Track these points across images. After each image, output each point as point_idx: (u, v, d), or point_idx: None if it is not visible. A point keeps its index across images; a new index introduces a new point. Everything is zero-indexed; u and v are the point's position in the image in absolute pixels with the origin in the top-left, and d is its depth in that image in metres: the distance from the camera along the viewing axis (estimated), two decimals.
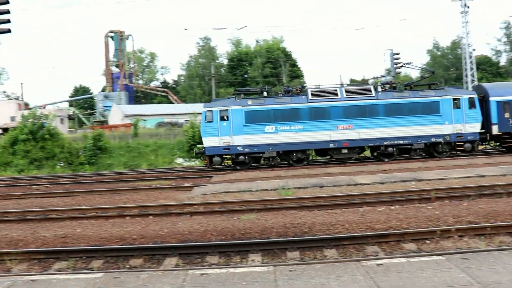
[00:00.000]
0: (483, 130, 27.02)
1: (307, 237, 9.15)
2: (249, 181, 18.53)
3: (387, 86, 27.73)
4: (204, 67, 74.49)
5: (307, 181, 16.92)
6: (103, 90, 72.00)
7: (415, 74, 75.11)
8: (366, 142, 26.51)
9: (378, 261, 6.68)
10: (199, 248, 8.78)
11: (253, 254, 8.52)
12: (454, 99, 26.53)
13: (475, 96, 26.90)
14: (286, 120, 26.10)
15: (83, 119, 72.65)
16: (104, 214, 12.88)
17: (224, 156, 26.51)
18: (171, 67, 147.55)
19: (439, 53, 71.81)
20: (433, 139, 26.34)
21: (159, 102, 72.16)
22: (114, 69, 70.91)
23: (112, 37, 69.59)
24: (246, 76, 73.53)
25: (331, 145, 26.11)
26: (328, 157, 27.55)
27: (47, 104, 70.68)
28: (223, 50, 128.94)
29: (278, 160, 26.74)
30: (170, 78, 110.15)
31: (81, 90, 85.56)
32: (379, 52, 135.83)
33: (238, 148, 25.98)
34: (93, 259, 8.64)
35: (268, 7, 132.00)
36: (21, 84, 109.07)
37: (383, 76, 46.69)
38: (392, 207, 11.87)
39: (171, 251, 8.70)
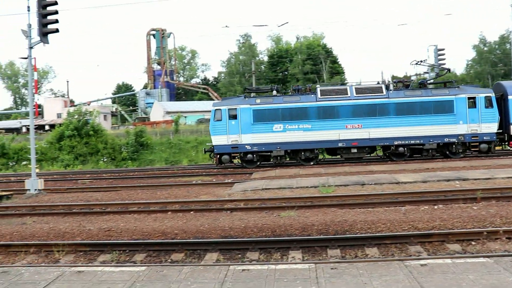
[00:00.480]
0: (500, 131, 26.06)
1: (348, 235, 9.05)
2: (289, 178, 18.48)
3: (400, 84, 27.24)
4: (245, 64, 74.71)
5: (348, 179, 16.75)
6: (145, 87, 73.27)
7: (459, 71, 73.21)
8: (375, 142, 26.08)
9: (422, 261, 6.54)
10: (240, 244, 8.82)
11: (293, 251, 8.49)
12: (469, 98, 25.62)
13: (492, 94, 25.89)
14: (295, 119, 26.07)
15: (126, 115, 74.22)
16: (146, 209, 13.12)
17: (232, 155, 26.68)
18: (212, 64, 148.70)
19: (486, 48, 69.51)
20: (446, 139, 25.59)
21: (200, 99, 72.87)
22: (156, 67, 72.03)
23: (153, 35, 70.68)
24: (286, 73, 73.29)
25: (340, 145, 25.92)
26: (338, 156, 27.28)
27: (91, 101, 72.61)
28: (263, 47, 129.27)
29: (287, 159, 26.72)
30: (211, 75, 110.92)
31: (124, 88, 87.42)
32: (423, 48, 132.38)
33: (246, 146, 26.17)
34: (136, 252, 8.81)
35: (309, 3, 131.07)
36: (67, 82, 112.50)
37: (426, 73, 45.59)
38: (435, 207, 11.61)
39: (212, 247, 8.77)
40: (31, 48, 18.80)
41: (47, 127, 59.43)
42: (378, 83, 27.38)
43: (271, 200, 13.43)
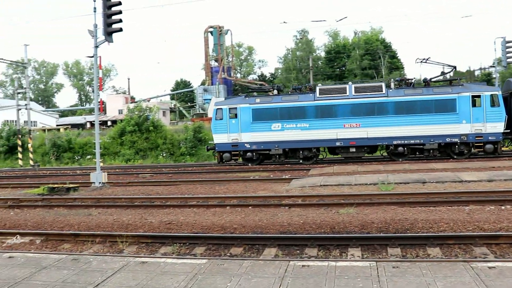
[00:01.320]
0: (508, 130, 24.89)
1: (409, 234, 8.84)
2: (347, 175, 18.28)
3: (402, 82, 26.92)
4: (302, 60, 74.40)
5: (408, 177, 16.35)
6: (203, 83, 74.48)
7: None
8: (374, 141, 25.80)
9: (490, 264, 6.28)
10: (299, 240, 8.81)
11: (352, 248, 8.39)
12: (473, 96, 24.69)
13: (498, 93, 24.67)
14: (292, 118, 26.35)
15: (184, 111, 75.66)
16: (205, 203, 13.35)
17: (233, 153, 27.36)
18: (268, 60, 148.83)
19: None
20: (448, 139, 24.87)
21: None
22: (213, 64, 72.97)
23: (211, 32, 71.60)
24: (343, 68, 72.33)
25: (338, 144, 25.99)
26: (340, 155, 27.13)
27: (151, 98, 74.48)
28: (320, 42, 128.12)
29: (284, 158, 27.08)
30: (267, 71, 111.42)
31: (182, 84, 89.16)
32: (489, 41, 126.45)
33: (245, 145, 26.87)
34: (196, 245, 8.99)
35: None
36: (128, 79, 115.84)
37: (492, 67, 43.70)
38: (502, 207, 11.12)
39: (270, 242, 8.82)
40: (96, 47, 19.55)
41: (109, 123, 61.59)
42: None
43: (330, 197, 13.34)
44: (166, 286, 5.93)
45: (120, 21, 19.20)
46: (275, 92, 28.18)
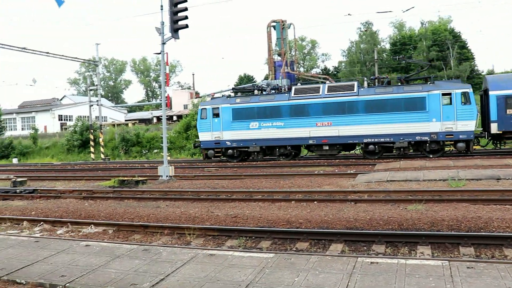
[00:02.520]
0: (481, 129, 25.08)
1: (484, 233, 8.44)
2: (414, 170, 17.75)
3: (375, 81, 27.25)
4: (366, 52, 72.99)
5: (481, 173, 15.64)
6: (266, 78, 74.67)
7: None
8: (345, 139, 26.31)
9: None
10: (366, 236, 8.65)
11: (422, 246, 8.13)
12: (444, 94, 24.53)
13: (469, 90, 24.32)
14: (268, 117, 27.79)
15: None
16: (270, 198, 13.39)
17: (215, 150, 29.25)
18: (332, 53, 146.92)
19: None
20: (417, 138, 24.95)
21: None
22: (276, 58, 72.94)
23: (274, 26, 71.61)
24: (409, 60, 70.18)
25: (310, 142, 26.97)
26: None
27: (215, 93, 75.67)
28: (385, 34, 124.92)
29: (263, 156, 28.44)
30: (331, 64, 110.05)
31: (245, 79, 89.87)
32: None
33: (226, 142, 28.83)
34: (261, 239, 9.04)
35: None
36: (193, 74, 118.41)
37: None
38: None
39: (337, 237, 8.72)
40: (163, 44, 20.06)
41: (175, 118, 63.17)
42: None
43: (397, 193, 13.00)
44: (234, 279, 6.01)
45: (186, 18, 19.59)
46: (256, 92, 29.99)
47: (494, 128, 24.32)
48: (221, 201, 13.52)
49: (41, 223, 11.42)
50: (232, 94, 31.93)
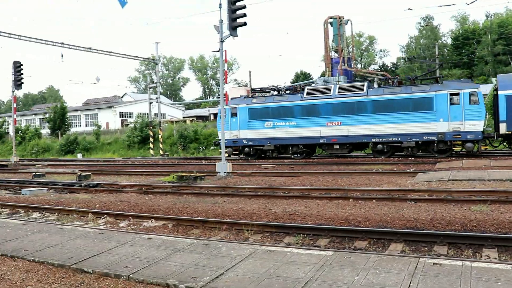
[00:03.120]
0: (490, 129, 24.96)
1: None
2: (478, 170, 17.09)
3: (385, 81, 28.08)
4: (426, 48, 70.90)
5: None
6: (322, 75, 74.02)
7: None
8: (354, 139, 26.94)
9: None
10: (427, 237, 8.41)
11: (487, 249, 7.81)
12: (451, 94, 24.59)
13: (478, 90, 24.14)
14: (282, 116, 29.06)
15: None
16: (328, 195, 13.28)
17: (233, 148, 30.77)
18: (390, 49, 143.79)
19: None
20: (425, 137, 25.12)
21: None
22: (333, 55, 72.17)
23: (331, 23, 70.85)
24: (473, 55, 67.56)
25: (321, 141, 28.12)
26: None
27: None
28: (446, 29, 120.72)
29: (277, 154, 29.84)
30: (389, 61, 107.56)
31: (302, 76, 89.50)
32: None
33: (243, 141, 30.36)
34: (319, 237, 8.98)
35: None
36: (249, 72, 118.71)
37: None
38: None
39: (397, 237, 8.53)
40: (222, 41, 20.32)
41: None
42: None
43: (459, 193, 12.56)
44: (293, 276, 6.00)
45: (244, 15, 19.75)
46: (275, 93, 31.11)
47: (503, 128, 23.91)
48: (278, 198, 13.54)
49: (105, 215, 11.85)
50: (250, 95, 33.18)
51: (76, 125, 72.28)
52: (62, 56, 44.54)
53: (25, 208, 13.78)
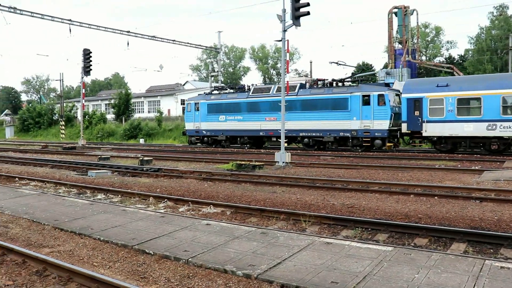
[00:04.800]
0: (395, 128, 26.93)
1: None
2: None
3: (315, 82, 31.19)
4: (499, 39, 67.46)
5: None
6: (385, 67, 72.31)
7: None
8: (286, 133, 27.62)
9: None
10: (493, 238, 8.05)
11: None
12: (363, 96, 27.53)
13: (385, 92, 26.98)
14: (232, 112, 33.49)
15: None
16: (387, 190, 12.99)
17: (196, 137, 36.03)
18: (458, 41, 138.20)
19: None
20: (341, 134, 28.24)
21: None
22: (397, 46, 70.31)
23: (395, 13, 68.99)
24: None
25: (261, 133, 32.19)
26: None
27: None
28: None
29: (229, 144, 34.26)
30: (456, 53, 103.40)
31: (364, 67, 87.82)
32: None
33: (203, 131, 35.38)
34: (378, 232, 8.81)
35: None
36: (310, 62, 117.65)
37: None
38: None
39: (459, 236, 8.23)
40: (284, 31, 20.22)
41: None
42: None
43: None
44: (351, 269, 5.94)
45: (308, 4, 19.55)
46: (229, 90, 35.62)
47: (404, 127, 26.36)
48: (336, 190, 13.40)
49: (165, 200, 12.17)
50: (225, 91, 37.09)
51: (139, 111, 74.42)
52: (128, 44, 45.91)
53: (91, 189, 14.39)
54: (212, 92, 36.93)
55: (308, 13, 19.57)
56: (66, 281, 5.99)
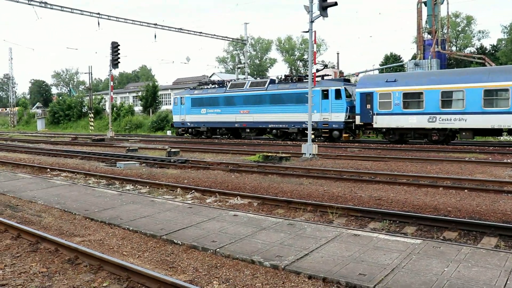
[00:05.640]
0: (351, 120, 29.11)
1: None
2: None
3: (287, 78, 33.63)
4: None
5: None
6: (414, 58, 71.11)
7: None
8: (257, 124, 33.72)
9: None
10: None
11: None
12: (323, 91, 30.00)
13: (341, 88, 29.28)
14: (212, 105, 36.68)
15: None
16: (416, 182, 12.83)
17: (182, 129, 39.73)
18: (491, 31, 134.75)
19: None
20: (304, 125, 29.74)
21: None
22: (426, 36, 69.01)
23: (425, 2, 67.69)
24: None
25: (236, 125, 35.26)
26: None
27: (360, 72, 74.13)
28: None
29: (211, 135, 37.67)
30: (488, 43, 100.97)
31: (392, 58, 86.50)
32: None
33: (188, 123, 38.80)
34: (406, 224, 8.72)
35: None
36: (337, 53, 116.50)
37: None
38: None
39: (490, 230, 8.06)
40: (312, 22, 20.06)
41: None
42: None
43: None
44: (379, 261, 5.90)
45: None
46: (211, 86, 38.58)
47: (358, 120, 28.61)
48: (364, 182, 13.30)
49: (192, 191, 12.27)
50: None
51: (167, 103, 75.00)
52: (155, 37, 45.95)
53: (119, 180, 14.61)
54: (196, 87, 40.25)
55: (335, 4, 19.36)
56: (97, 270, 6.12)
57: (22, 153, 26.28)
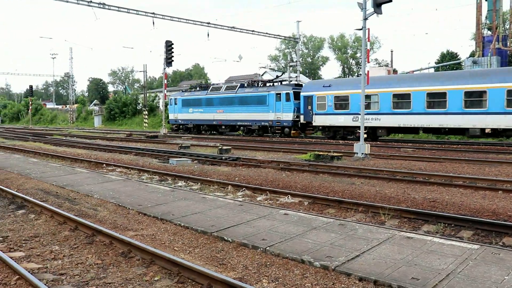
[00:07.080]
0: (298, 119, 34.30)
1: None
2: None
3: (253, 83, 38.97)
4: None
5: None
6: (472, 55, 68.57)
7: None
8: (229, 122, 39.71)
9: None
10: None
11: None
12: (277, 94, 35.39)
13: (290, 91, 34.52)
14: (197, 105, 42.76)
15: None
16: (473, 185, 12.36)
17: (176, 125, 45.80)
18: None
19: None
20: (263, 123, 36.58)
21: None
22: (486, 32, 66.41)
23: None
24: None
25: (214, 123, 41.27)
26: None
27: (414, 71, 72.26)
28: None
29: (198, 131, 43.47)
30: None
31: (448, 56, 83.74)
32: None
33: (179, 121, 45.20)
34: (462, 228, 8.41)
35: None
36: (391, 51, 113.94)
37: None
38: None
39: None
40: (365, 19, 19.70)
41: None
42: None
43: None
44: (433, 266, 5.72)
45: None
46: (198, 89, 44.88)
47: (302, 119, 34.04)
48: (417, 183, 12.95)
49: (243, 188, 12.33)
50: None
51: None
52: (208, 35, 46.45)
53: (172, 176, 14.89)
54: (186, 90, 46.73)
55: (390, 0, 18.93)
56: (149, 264, 6.25)
57: (80, 148, 27.29)
